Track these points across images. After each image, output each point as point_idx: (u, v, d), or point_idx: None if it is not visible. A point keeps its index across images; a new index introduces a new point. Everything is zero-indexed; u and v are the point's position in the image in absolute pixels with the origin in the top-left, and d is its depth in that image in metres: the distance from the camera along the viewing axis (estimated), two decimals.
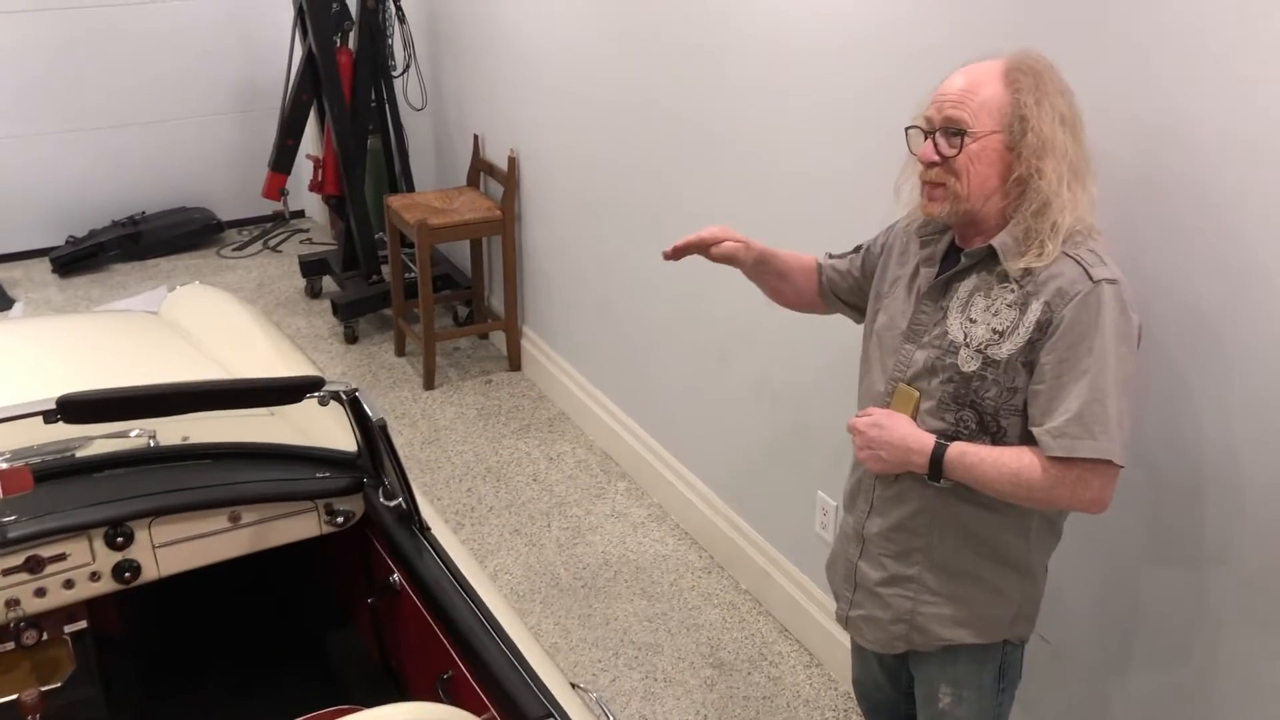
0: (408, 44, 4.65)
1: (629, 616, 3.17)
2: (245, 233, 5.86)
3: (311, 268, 5.13)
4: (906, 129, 1.75)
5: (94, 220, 5.56)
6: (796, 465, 2.96)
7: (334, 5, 4.46)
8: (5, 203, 5.41)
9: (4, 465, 1.91)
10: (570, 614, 3.17)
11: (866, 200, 2.46)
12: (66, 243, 5.46)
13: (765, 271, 2.08)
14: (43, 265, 5.45)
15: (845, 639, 2.09)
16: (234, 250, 5.71)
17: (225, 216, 5.81)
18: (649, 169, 3.40)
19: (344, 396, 1.98)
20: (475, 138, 4.49)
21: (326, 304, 5.01)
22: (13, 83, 5.28)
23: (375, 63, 4.62)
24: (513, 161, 4.21)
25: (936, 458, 1.70)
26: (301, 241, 5.80)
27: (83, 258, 5.44)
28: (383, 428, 1.95)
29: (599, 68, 3.57)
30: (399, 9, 4.58)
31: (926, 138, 1.70)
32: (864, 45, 2.46)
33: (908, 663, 1.95)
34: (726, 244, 2.04)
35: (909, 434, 1.75)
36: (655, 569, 3.37)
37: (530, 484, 3.81)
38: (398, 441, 2.54)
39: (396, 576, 2.12)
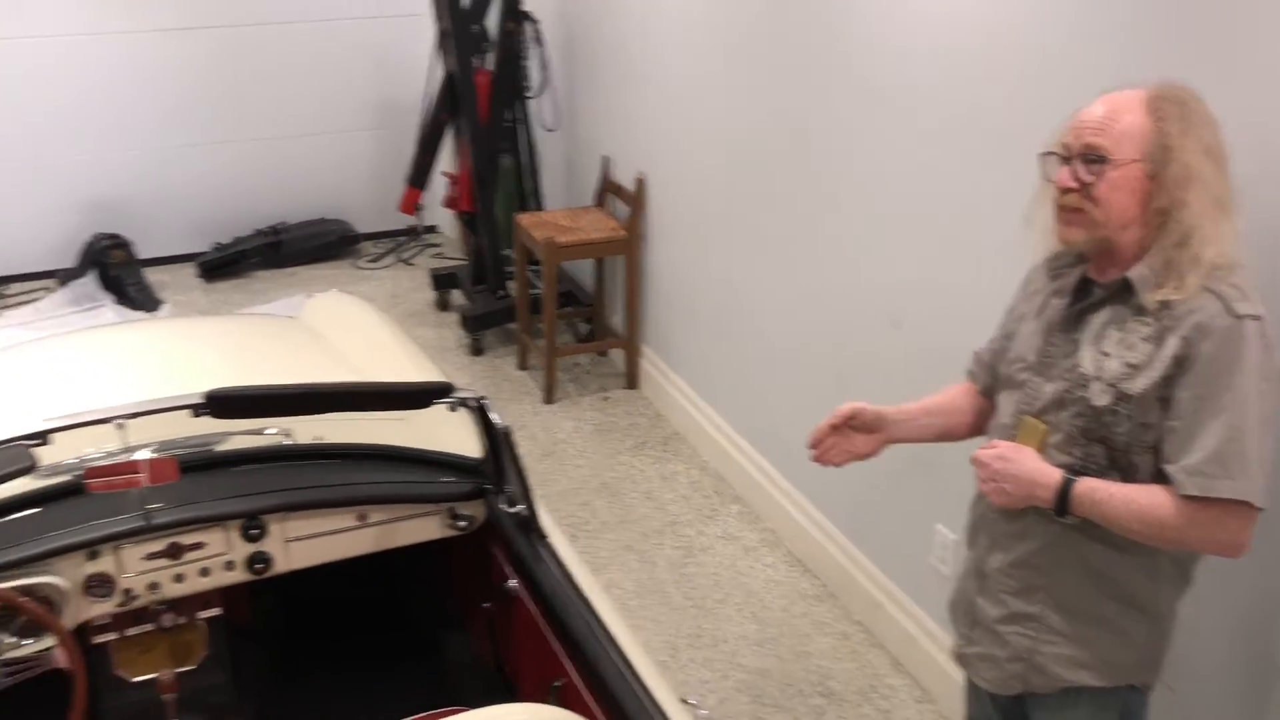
0: (544, 66, 4.75)
1: (738, 639, 3.16)
2: (380, 245, 6.06)
3: (442, 281, 5.27)
4: (1042, 155, 1.73)
5: (238, 229, 5.81)
6: (916, 496, 2.92)
7: (474, 27, 4.59)
8: (157, 210, 5.71)
9: (153, 455, 2.01)
10: (679, 633, 3.18)
11: (997, 228, 2.43)
12: (212, 249, 5.72)
13: (920, 416, 2.01)
14: (189, 270, 5.72)
15: (960, 676, 2.05)
16: (369, 262, 5.91)
17: (361, 229, 6.01)
18: (774, 194, 3.41)
19: (472, 404, 2.04)
20: (604, 159, 4.56)
21: (455, 317, 5.15)
22: (166, 98, 5.58)
23: (512, 84, 4.74)
24: (640, 183, 4.27)
25: (1064, 493, 1.67)
26: (433, 255, 5.96)
27: (227, 264, 5.69)
28: (507, 436, 2.00)
29: (730, 93, 3.60)
30: (537, 32, 4.69)
31: (1064, 164, 1.68)
32: (997, 71, 2.44)
33: (1024, 705, 1.90)
34: (868, 408, 1.97)
35: (1035, 468, 1.71)
36: (766, 594, 3.36)
37: (643, 501, 3.84)
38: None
39: (514, 582, 2.17)
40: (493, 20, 4.69)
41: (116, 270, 5.28)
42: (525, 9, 4.64)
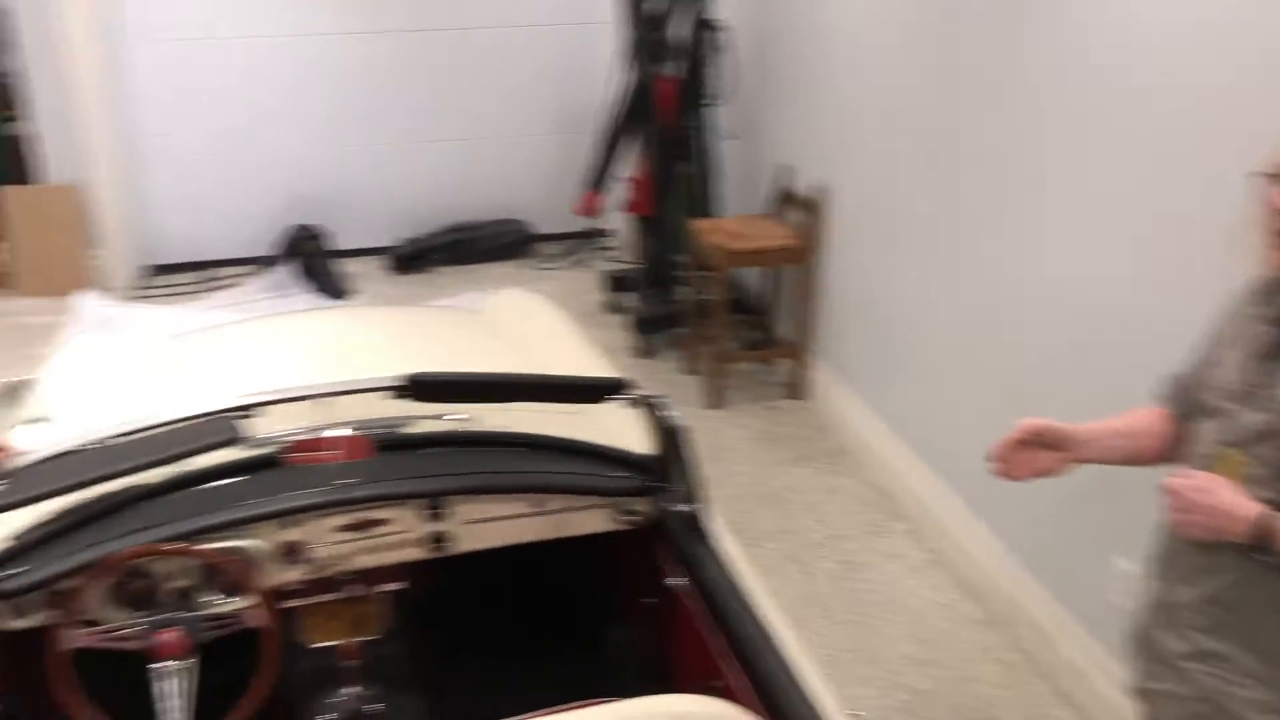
0: (729, 74, 4.78)
1: (900, 659, 3.11)
2: (556, 246, 6.21)
3: (615, 283, 5.37)
4: (1253, 175, 1.65)
5: (426, 225, 6.05)
6: (1096, 523, 2.82)
7: (660, 34, 4.66)
8: (352, 205, 6.00)
9: (350, 434, 2.13)
10: (840, 647, 3.15)
11: (1198, 247, 2.32)
12: (401, 244, 5.97)
13: (1108, 437, 1.95)
14: (379, 262, 5.99)
15: (1133, 713, 1.97)
16: (545, 262, 6.07)
17: (541, 230, 6.17)
18: (956, 209, 3.35)
19: (647, 402, 2.08)
20: (783, 167, 4.56)
21: (626, 319, 5.23)
22: (366, 98, 5.86)
23: (695, 91, 4.79)
24: (819, 192, 4.25)
25: (1264, 529, 1.59)
26: (607, 258, 6.07)
27: (414, 258, 5.94)
28: (683, 435, 2.02)
29: (916, 107, 3.55)
30: (724, 41, 4.73)
31: (1276, 186, 1.60)
32: (1205, 88, 2.33)
33: None
34: (1054, 425, 1.91)
35: (1231, 501, 1.63)
36: (931, 615, 3.29)
37: (807, 513, 3.82)
38: None
39: (678, 580, 2.19)
40: (680, 28, 4.74)
41: (312, 260, 5.57)
42: (712, 17, 4.68)
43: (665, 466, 2.20)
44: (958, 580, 3.43)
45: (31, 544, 2.01)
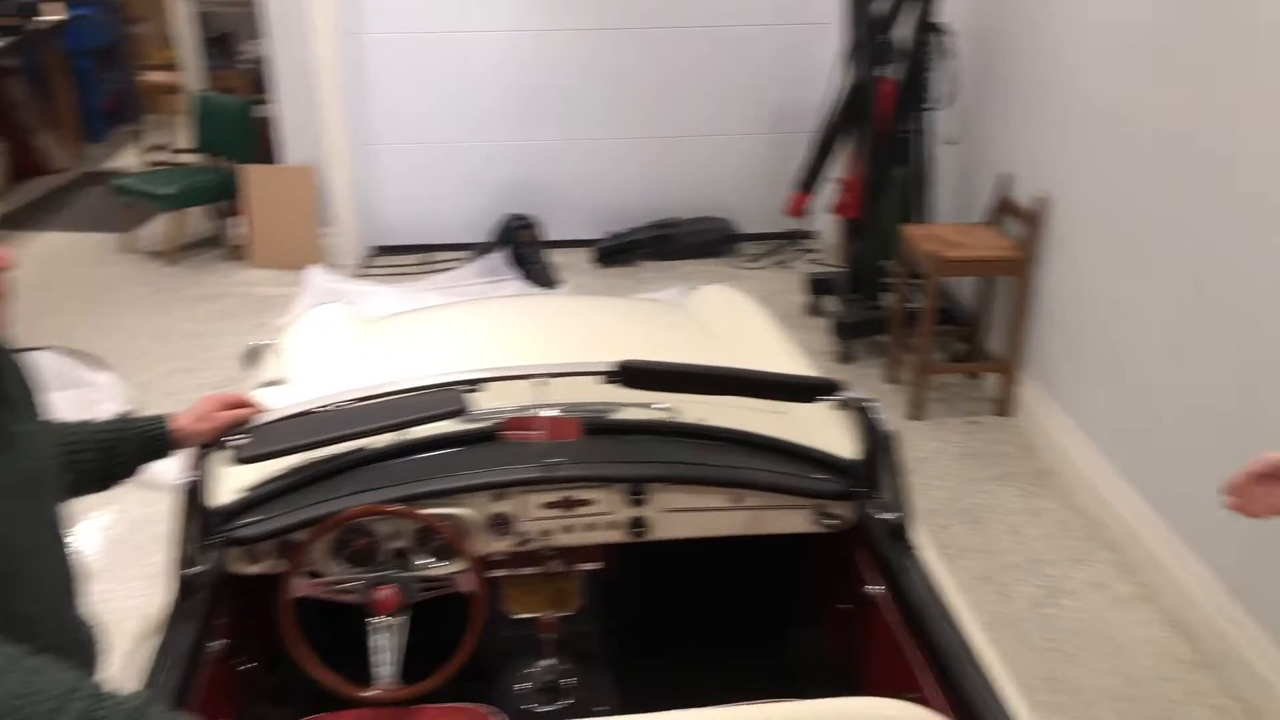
0: (950, 79, 4.67)
1: (1099, 692, 2.97)
2: (760, 246, 6.20)
3: (817, 286, 5.33)
4: None
5: (633, 220, 6.16)
6: None
7: (884, 37, 4.59)
8: (563, 197, 6.17)
9: (560, 415, 2.19)
10: (1034, 673, 3.04)
11: None
12: (608, 237, 6.10)
13: None
14: (585, 254, 6.13)
15: None
16: (748, 261, 6.07)
17: (744, 229, 6.18)
18: (1187, 221, 3.16)
19: (857, 405, 2.06)
20: (1003, 176, 4.42)
21: (826, 323, 5.17)
22: (582, 92, 6.00)
23: (915, 95, 4.69)
24: (1040, 202, 4.09)
25: None
26: (810, 260, 6.03)
27: (619, 252, 6.05)
28: (892, 441, 1.99)
29: (1147, 112, 3.37)
30: (948, 44, 4.61)
31: None
32: None
33: None
34: None
35: None
36: (1135, 651, 3.13)
37: (1006, 534, 3.69)
38: None
39: (876, 588, 2.16)
40: (905, 31, 4.66)
41: (523, 248, 5.76)
42: (938, 21, 4.58)
43: (871, 472, 2.17)
44: (1167, 616, 3.25)
45: (264, 497, 2.16)
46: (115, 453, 1.85)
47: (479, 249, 5.96)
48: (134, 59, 8.43)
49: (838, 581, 2.40)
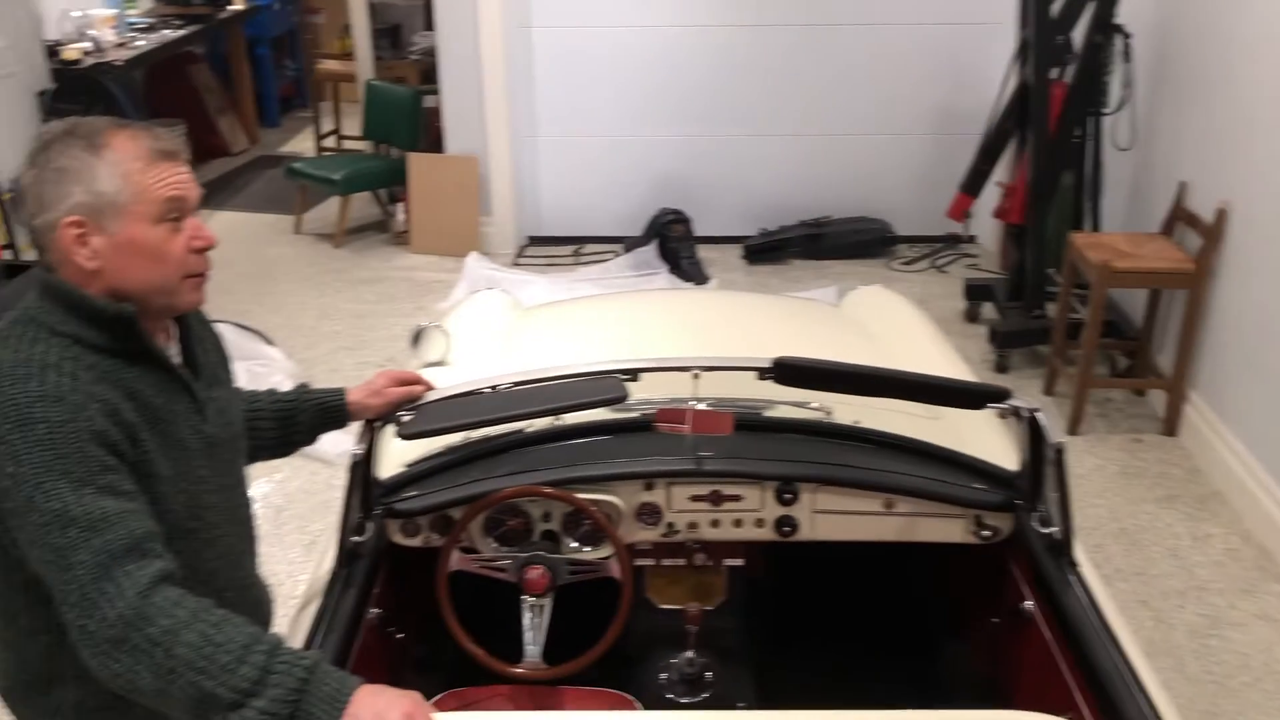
0: (1127, 83, 4.48)
1: None
2: (916, 249, 6.08)
3: (975, 292, 5.19)
4: None
5: (784, 217, 6.11)
6: None
7: (1059, 38, 4.44)
8: (716, 193, 6.16)
9: (712, 409, 2.19)
10: (1193, 706, 2.90)
11: None
12: (759, 234, 6.07)
13: None
14: (735, 251, 6.11)
15: None
16: (902, 264, 5.96)
17: (900, 231, 6.07)
18: None
19: (1024, 414, 2.00)
20: (1180, 184, 4.22)
21: (983, 330, 5.04)
22: (737, 88, 5.98)
23: (1088, 98, 4.53)
24: (1221, 214, 3.89)
25: None
26: (968, 265, 5.88)
27: (769, 249, 6.01)
28: (1060, 454, 1.93)
29: None
30: (1127, 47, 4.43)
31: None
32: None
33: None
34: None
35: None
36: None
37: (1167, 558, 3.53)
38: None
39: (1031, 604, 2.10)
40: (1080, 32, 4.50)
41: (674, 243, 5.77)
42: (1118, 22, 4.40)
43: (1034, 484, 2.10)
44: None
45: (424, 473, 2.23)
46: (293, 421, 1.94)
47: (630, 242, 6.01)
48: (310, 48, 8.79)
49: (988, 594, 2.34)
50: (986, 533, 2.18)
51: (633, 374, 2.12)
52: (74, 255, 1.46)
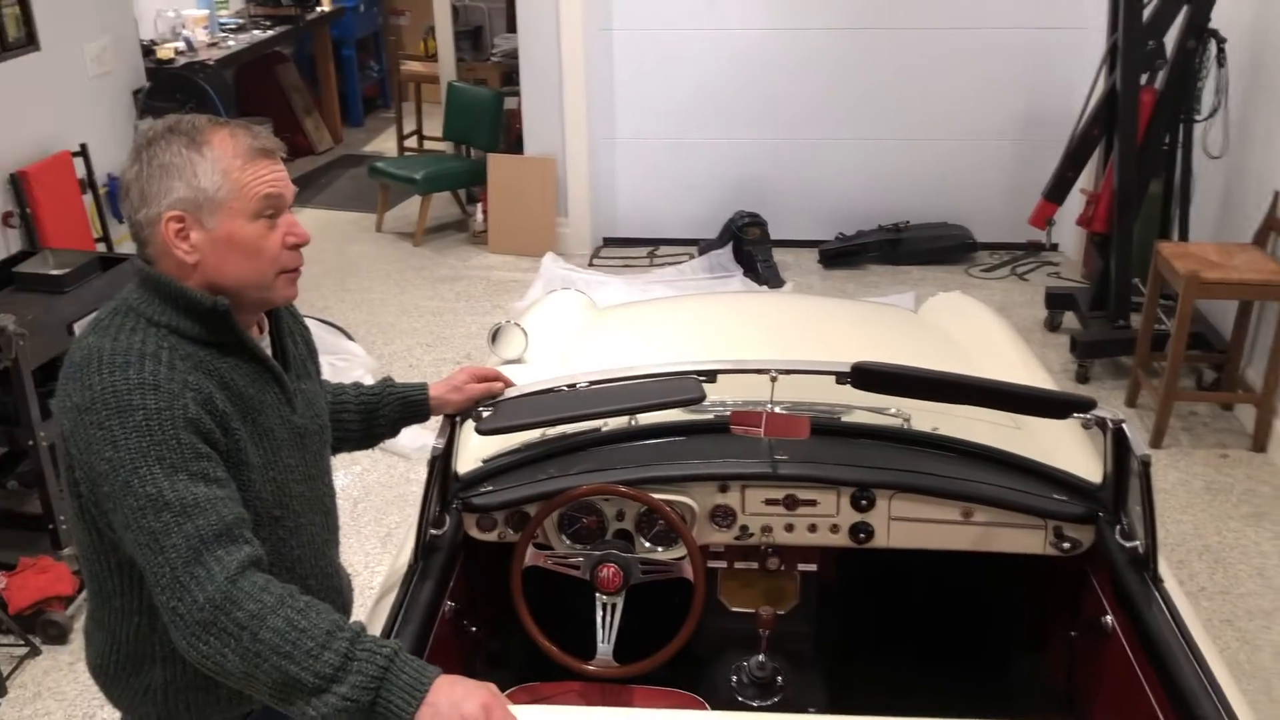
0: (1220, 89, 4.37)
1: None
2: (996, 256, 5.99)
3: (1057, 301, 5.10)
4: None
5: (862, 222, 6.06)
6: None
7: (1150, 43, 4.35)
8: (793, 196, 6.13)
9: (788, 412, 2.19)
10: None
11: None
12: (835, 239, 6.03)
13: None
14: (811, 255, 6.07)
15: None
16: (982, 271, 5.87)
17: (980, 238, 5.98)
18: None
19: (1110, 425, 1.96)
20: (1275, 194, 4.10)
21: (1063, 339, 4.95)
22: (815, 91, 5.94)
23: (1178, 105, 4.43)
24: None
25: None
26: (1049, 274, 5.78)
27: (846, 254, 5.97)
28: (1146, 466, 1.89)
29: None
30: (1220, 52, 4.32)
31: None
32: None
33: None
34: None
35: None
36: None
37: (1253, 577, 3.43)
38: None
39: (1110, 618, 2.06)
40: (1172, 37, 4.40)
41: (750, 246, 5.76)
42: (1212, 27, 4.29)
43: (1118, 496, 2.06)
44: None
45: (500, 469, 2.25)
46: (377, 414, 1.98)
47: (705, 245, 6.01)
48: (393, 49, 8.94)
49: (1066, 607, 2.30)
50: (1066, 545, 2.14)
51: (710, 375, 2.12)
52: (174, 249, 1.49)
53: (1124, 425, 1.94)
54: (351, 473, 4.07)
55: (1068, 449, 2.45)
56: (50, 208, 4.17)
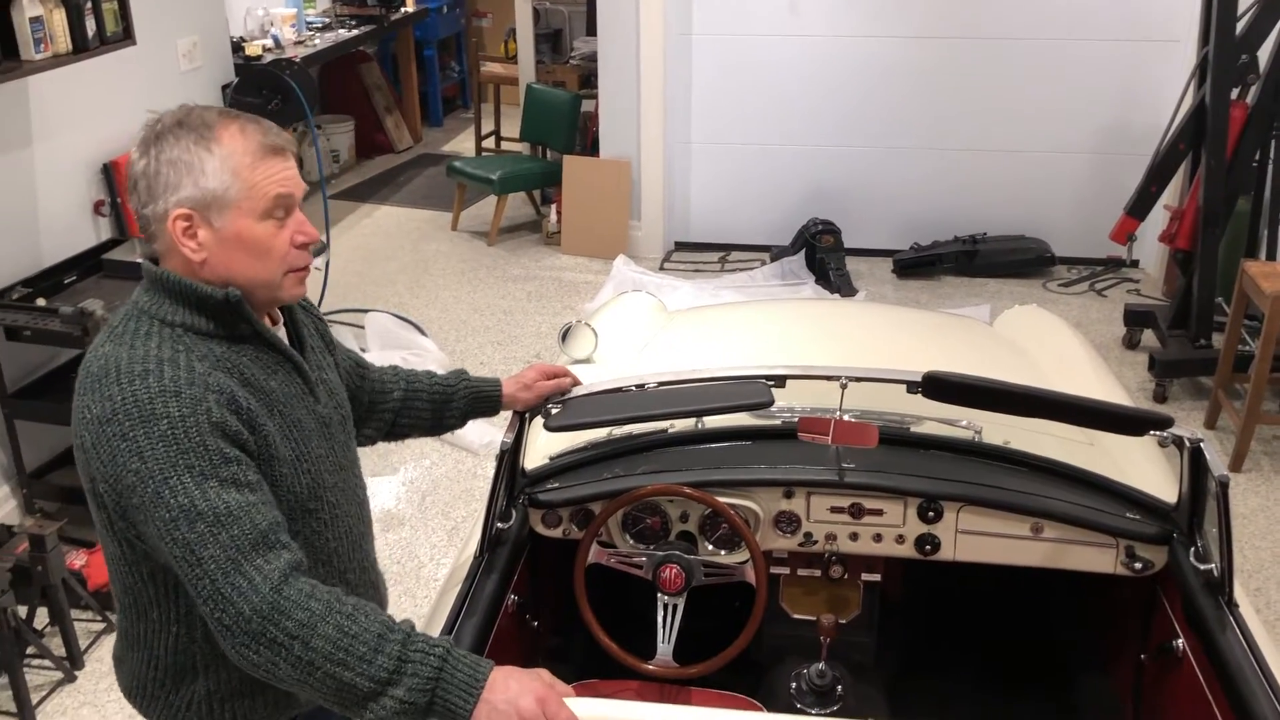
0: None
1: None
2: (1074, 271, 5.89)
3: (1136, 318, 5.00)
4: None
5: (937, 232, 5.99)
6: None
7: (1243, 57, 4.24)
8: (867, 205, 6.08)
9: (852, 420, 2.17)
10: None
11: None
12: (910, 249, 5.97)
13: None
14: (885, 265, 6.02)
15: None
16: (1059, 286, 5.77)
17: (1059, 252, 5.88)
18: None
19: (1187, 444, 1.92)
20: None
21: (1142, 358, 4.85)
22: (893, 100, 5.89)
23: (1270, 121, 4.31)
24: None
25: None
26: (1128, 291, 5.66)
27: (920, 265, 5.90)
28: (1224, 487, 1.84)
29: None
30: None
31: None
32: None
33: None
34: None
35: None
36: None
37: None
38: None
39: (1182, 642, 2.01)
40: (1266, 51, 4.29)
41: (823, 254, 5.72)
42: None
43: (1193, 518, 2.01)
44: None
45: (567, 466, 2.27)
46: (449, 405, 2.01)
47: (777, 251, 5.99)
48: (474, 51, 9.05)
49: (1133, 629, 2.25)
50: (1138, 565, 2.10)
51: (779, 380, 2.12)
52: (181, 246, 1.47)
53: (1202, 444, 1.90)
54: (420, 466, 4.12)
55: (1142, 468, 2.40)
56: None
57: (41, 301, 3.54)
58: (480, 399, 2.03)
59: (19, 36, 3.34)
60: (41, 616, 3.18)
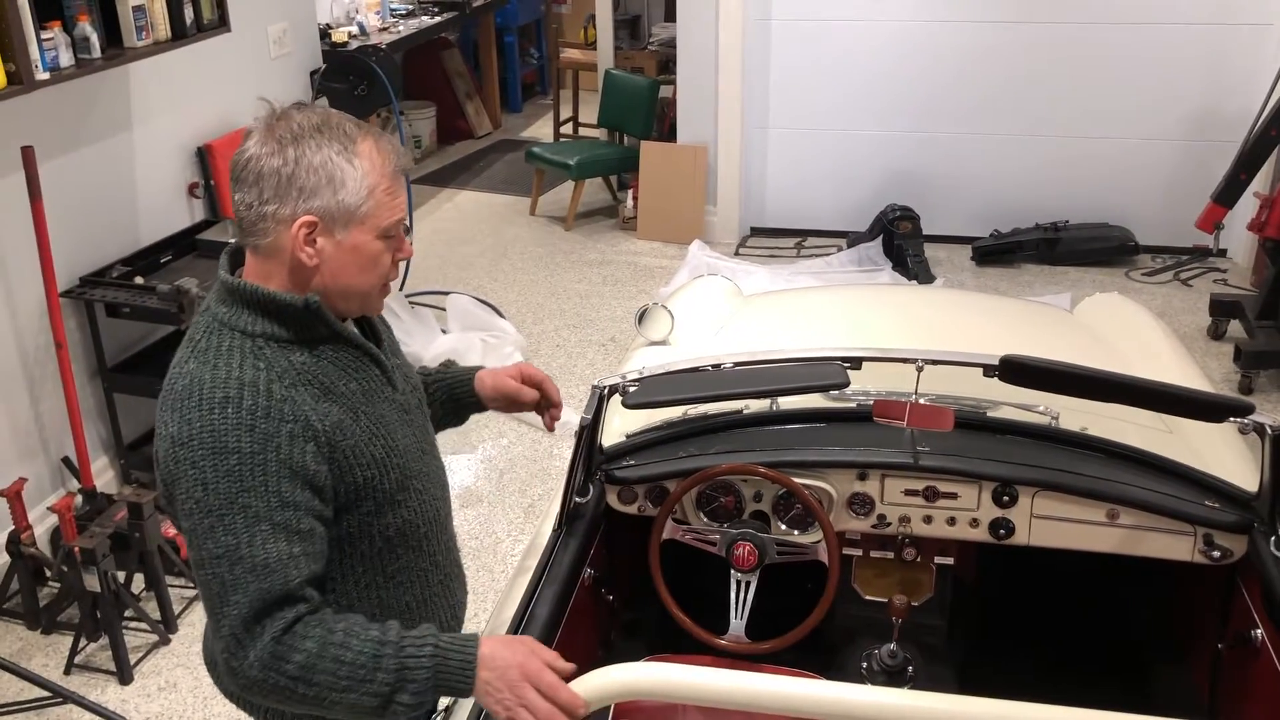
0: None
1: None
2: (1159, 260, 5.77)
3: (1222, 308, 4.89)
4: None
5: (1018, 219, 5.91)
6: None
7: None
8: (947, 191, 6.02)
9: (933, 404, 2.19)
10: None
11: None
12: (990, 236, 5.90)
13: None
14: (963, 252, 5.96)
15: None
16: (1143, 275, 5.66)
17: (1143, 240, 5.77)
18: None
19: (1269, 431, 1.90)
20: None
21: (1227, 349, 4.75)
22: (975, 86, 5.81)
23: None
24: None
25: None
26: (1215, 280, 5.54)
27: (1000, 252, 5.84)
28: None
29: None
30: None
31: None
32: None
33: None
34: None
35: None
36: None
37: None
38: None
39: (1261, 632, 2.00)
40: None
41: (900, 240, 5.69)
42: None
43: (1275, 507, 2.00)
44: None
45: (643, 444, 2.32)
46: (450, 399, 1.94)
47: (854, 237, 5.96)
48: (553, 37, 9.12)
49: (1211, 618, 2.24)
50: (1216, 553, 2.09)
51: (855, 362, 2.14)
52: (298, 251, 1.47)
53: None
54: (498, 445, 4.21)
55: (1222, 455, 2.38)
56: None
57: (139, 280, 3.69)
58: (457, 384, 1.94)
59: (123, 24, 3.48)
60: (138, 582, 3.32)
